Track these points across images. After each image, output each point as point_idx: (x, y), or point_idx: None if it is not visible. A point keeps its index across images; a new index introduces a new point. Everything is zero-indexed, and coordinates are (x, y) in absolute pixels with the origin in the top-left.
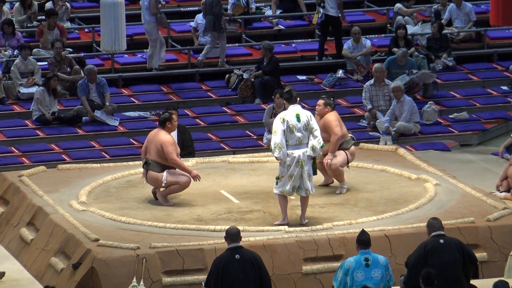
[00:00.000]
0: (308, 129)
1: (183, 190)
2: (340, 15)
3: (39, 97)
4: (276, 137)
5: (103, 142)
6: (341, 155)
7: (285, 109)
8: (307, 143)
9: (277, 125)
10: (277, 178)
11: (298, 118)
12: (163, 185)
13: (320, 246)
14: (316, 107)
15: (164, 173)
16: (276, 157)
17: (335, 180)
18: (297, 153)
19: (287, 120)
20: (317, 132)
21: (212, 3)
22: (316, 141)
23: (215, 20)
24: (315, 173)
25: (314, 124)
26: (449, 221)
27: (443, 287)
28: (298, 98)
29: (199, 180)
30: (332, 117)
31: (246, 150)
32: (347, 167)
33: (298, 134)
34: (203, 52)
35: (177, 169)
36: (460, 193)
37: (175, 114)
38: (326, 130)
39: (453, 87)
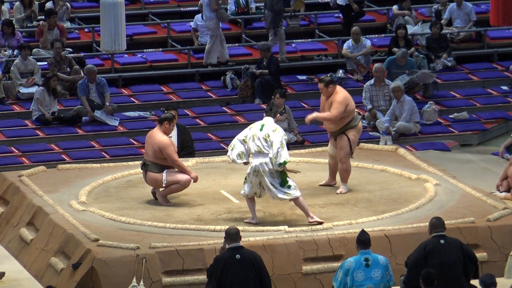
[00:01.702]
0: (268, 140)
1: (183, 190)
2: (347, 3)
3: (39, 97)
4: (235, 138)
5: (103, 142)
6: (343, 149)
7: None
8: (268, 154)
9: (244, 130)
10: (245, 179)
11: (261, 128)
12: (163, 185)
13: (320, 246)
14: (320, 91)
15: (164, 173)
16: (227, 156)
17: (337, 182)
18: (255, 162)
19: (252, 128)
20: (275, 147)
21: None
22: (273, 155)
23: (274, 16)
24: (283, 184)
25: (274, 138)
26: (449, 221)
27: (443, 287)
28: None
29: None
30: (340, 97)
31: None
32: (351, 155)
33: (258, 143)
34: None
35: (176, 169)
36: (460, 193)
37: (175, 114)
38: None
39: (453, 87)
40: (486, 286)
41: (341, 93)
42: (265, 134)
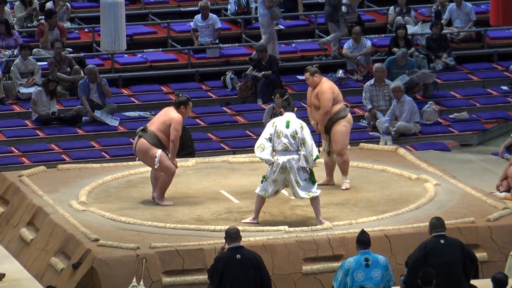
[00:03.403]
0: (296, 138)
1: (170, 181)
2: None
3: (34, 98)
4: (261, 138)
5: (103, 142)
6: (338, 142)
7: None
8: (296, 151)
9: (267, 128)
10: (263, 177)
11: (287, 124)
12: (155, 163)
13: (320, 246)
14: (306, 81)
15: (158, 152)
16: (258, 157)
17: (335, 182)
18: (282, 159)
19: (276, 125)
20: (308, 143)
21: None
22: (308, 152)
23: (331, 11)
24: (313, 181)
25: (305, 135)
26: (449, 221)
27: (443, 287)
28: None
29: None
30: (327, 88)
31: (246, 150)
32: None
33: (285, 140)
34: (332, 43)
35: (168, 149)
36: (460, 193)
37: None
38: (318, 99)
39: (453, 87)
40: (499, 286)
41: (325, 83)
42: (293, 131)
